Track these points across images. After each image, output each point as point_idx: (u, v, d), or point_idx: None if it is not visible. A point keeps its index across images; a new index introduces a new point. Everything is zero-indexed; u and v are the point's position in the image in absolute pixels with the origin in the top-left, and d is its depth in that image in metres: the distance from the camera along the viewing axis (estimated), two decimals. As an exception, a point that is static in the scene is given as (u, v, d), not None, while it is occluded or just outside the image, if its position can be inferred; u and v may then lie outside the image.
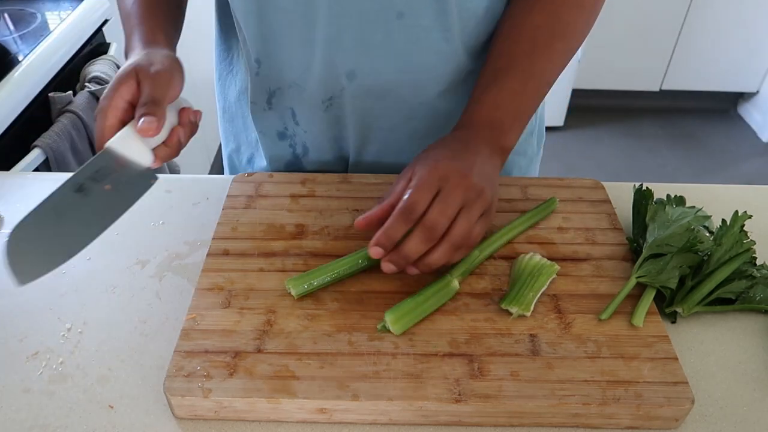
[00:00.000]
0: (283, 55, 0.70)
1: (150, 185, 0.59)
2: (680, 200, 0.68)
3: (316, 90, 0.72)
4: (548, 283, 0.60)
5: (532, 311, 0.57)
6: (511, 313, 0.57)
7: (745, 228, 0.61)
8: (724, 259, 0.60)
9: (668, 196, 0.69)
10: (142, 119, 0.56)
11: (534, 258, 0.61)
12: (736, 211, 0.61)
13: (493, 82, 0.65)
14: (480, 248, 0.62)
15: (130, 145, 0.58)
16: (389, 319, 0.54)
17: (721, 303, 0.61)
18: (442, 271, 0.59)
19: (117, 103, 0.57)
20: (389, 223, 0.54)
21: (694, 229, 0.60)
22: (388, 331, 0.55)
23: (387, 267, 0.56)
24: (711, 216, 0.65)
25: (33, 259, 0.52)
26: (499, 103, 0.64)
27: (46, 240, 0.53)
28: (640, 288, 0.60)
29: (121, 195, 0.57)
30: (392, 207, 0.56)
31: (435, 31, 0.67)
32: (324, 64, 0.69)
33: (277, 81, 0.74)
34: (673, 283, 0.58)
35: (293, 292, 0.58)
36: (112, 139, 0.57)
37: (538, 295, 0.58)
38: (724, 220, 0.61)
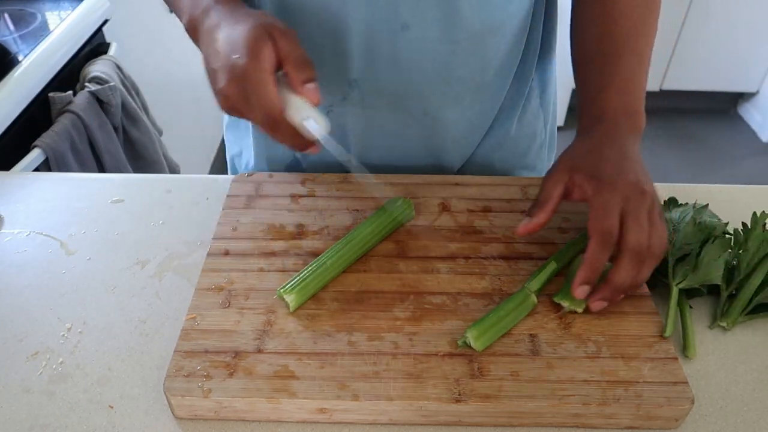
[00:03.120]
0: None
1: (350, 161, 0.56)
2: (673, 201, 0.67)
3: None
4: None
5: (533, 313, 0.57)
6: (563, 307, 0.57)
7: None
8: (753, 262, 0.59)
9: (663, 201, 0.68)
10: (308, 87, 0.51)
11: None
12: (755, 213, 0.60)
13: (608, 66, 0.64)
14: (556, 258, 0.61)
15: (318, 120, 0.52)
16: (471, 335, 0.53)
17: (763, 309, 0.59)
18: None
19: (270, 69, 0.51)
20: (590, 255, 0.53)
21: (699, 222, 0.60)
22: (468, 346, 0.54)
23: (598, 305, 0.55)
24: (707, 204, 0.65)
25: None
26: (625, 86, 0.63)
27: None
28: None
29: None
30: (554, 212, 0.58)
31: (443, 44, 0.66)
32: (326, 70, 0.68)
33: None
34: (717, 277, 0.58)
35: (290, 305, 0.58)
36: (315, 131, 0.52)
37: None
38: (744, 224, 0.60)
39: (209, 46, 0.54)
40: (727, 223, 0.65)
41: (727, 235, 0.61)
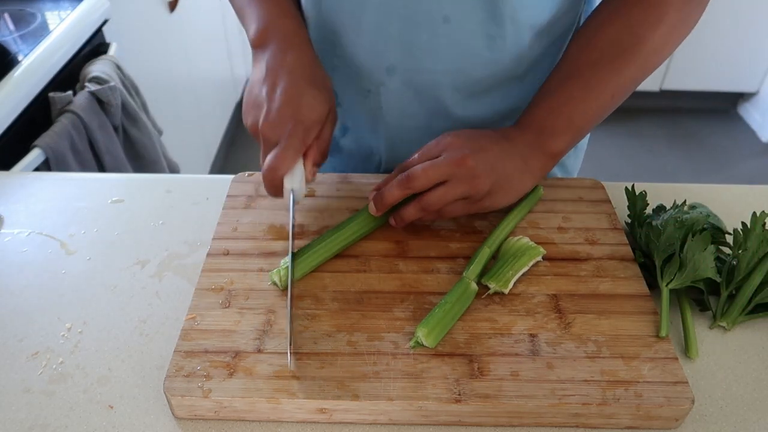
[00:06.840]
0: (333, 39, 0.73)
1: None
2: (662, 208, 0.67)
3: (357, 78, 0.74)
4: (530, 264, 0.61)
5: (533, 313, 0.57)
6: (487, 289, 0.59)
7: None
8: (753, 261, 0.59)
9: (652, 210, 0.68)
10: (315, 169, 0.62)
11: (522, 240, 0.62)
12: (754, 213, 0.60)
13: (554, 88, 0.65)
14: (488, 245, 0.62)
15: (302, 188, 0.62)
16: (422, 333, 0.53)
17: (763, 308, 0.59)
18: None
19: (307, 143, 0.59)
20: (388, 180, 0.63)
21: (679, 220, 0.61)
22: (422, 345, 0.54)
23: (370, 206, 0.63)
24: (677, 202, 0.66)
25: None
26: (554, 107, 0.64)
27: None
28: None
29: None
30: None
31: (479, 38, 0.67)
32: (367, 55, 0.71)
33: (326, 62, 0.75)
34: (708, 271, 0.58)
35: (279, 284, 0.59)
36: (292, 181, 0.60)
37: (518, 275, 0.59)
38: (744, 224, 0.60)
39: (266, 76, 0.60)
40: (708, 215, 0.65)
41: (709, 229, 0.61)
